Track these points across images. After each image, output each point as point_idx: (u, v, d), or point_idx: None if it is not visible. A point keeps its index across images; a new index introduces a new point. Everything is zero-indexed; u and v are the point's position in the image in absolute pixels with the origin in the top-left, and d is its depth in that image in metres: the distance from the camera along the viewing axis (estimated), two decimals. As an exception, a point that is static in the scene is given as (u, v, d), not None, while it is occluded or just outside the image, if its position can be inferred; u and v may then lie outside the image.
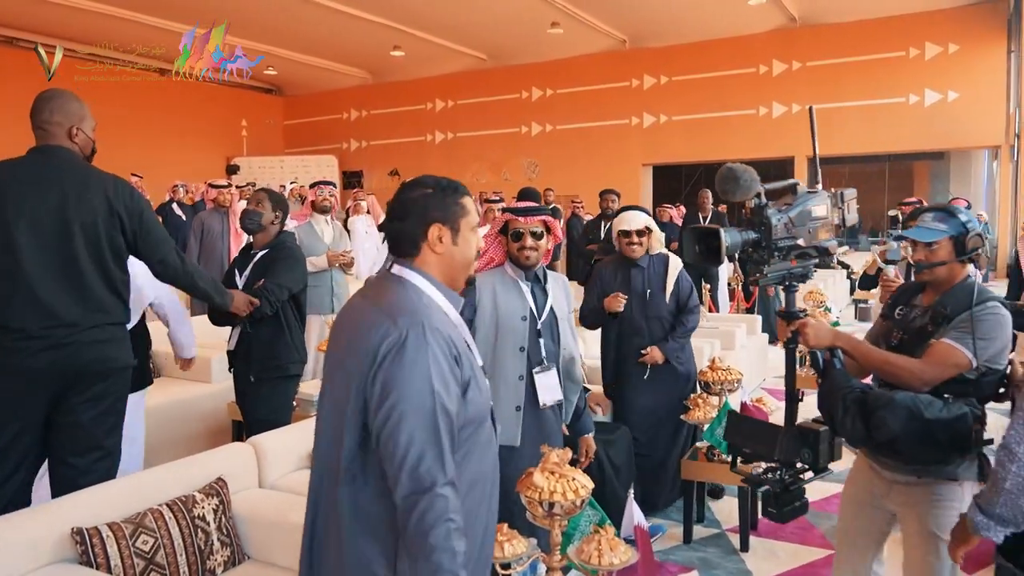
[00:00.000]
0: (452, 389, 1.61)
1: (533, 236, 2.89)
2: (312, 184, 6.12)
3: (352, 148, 20.39)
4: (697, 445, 4.09)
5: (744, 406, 4.10)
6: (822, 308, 6.77)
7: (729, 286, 9.19)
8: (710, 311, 7.90)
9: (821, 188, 2.41)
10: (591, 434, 3.18)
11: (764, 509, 2.33)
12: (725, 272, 9.02)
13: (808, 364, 2.55)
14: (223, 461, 3.00)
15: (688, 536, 4.00)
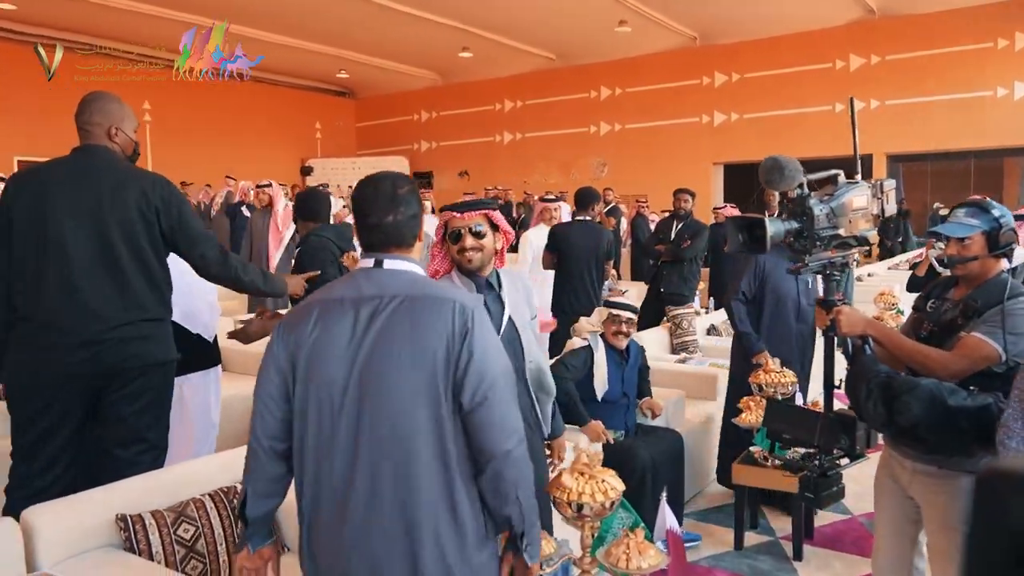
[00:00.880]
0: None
1: (474, 235, 2.50)
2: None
3: (423, 149, 20.66)
4: (750, 449, 3.98)
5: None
6: (894, 311, 6.49)
7: None
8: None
9: (861, 179, 2.44)
10: (561, 436, 2.96)
11: (801, 494, 2.42)
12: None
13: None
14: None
15: (739, 542, 3.89)
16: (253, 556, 1.89)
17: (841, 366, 2.53)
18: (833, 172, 2.37)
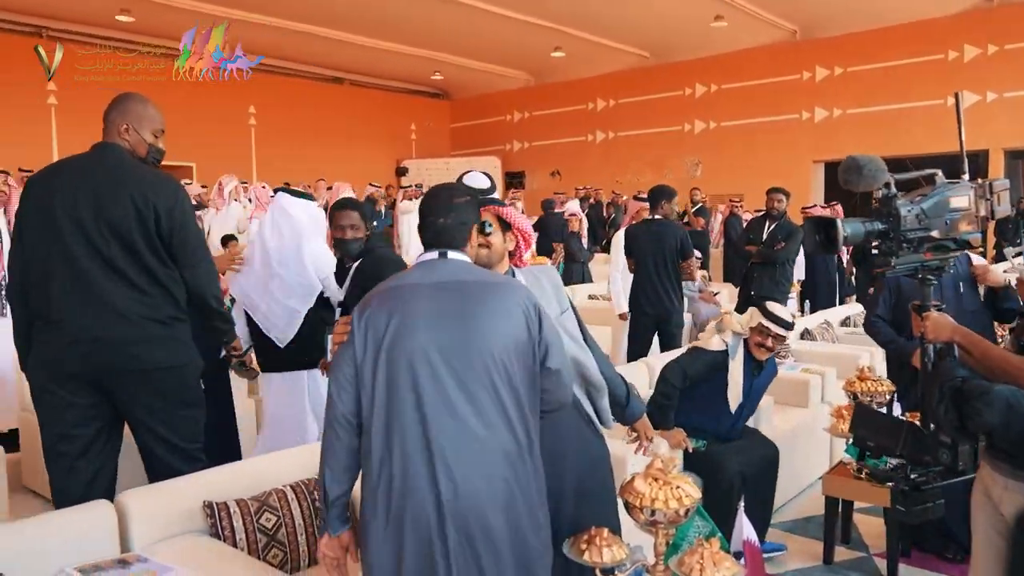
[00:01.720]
0: None
1: (479, 232, 2.40)
2: None
3: (515, 149, 20.75)
4: (841, 459, 3.81)
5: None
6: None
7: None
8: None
9: (968, 178, 2.30)
10: (642, 416, 2.81)
11: (892, 506, 2.37)
12: None
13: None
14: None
15: (828, 556, 3.73)
16: (333, 542, 2.06)
17: None
18: (930, 171, 2.27)
